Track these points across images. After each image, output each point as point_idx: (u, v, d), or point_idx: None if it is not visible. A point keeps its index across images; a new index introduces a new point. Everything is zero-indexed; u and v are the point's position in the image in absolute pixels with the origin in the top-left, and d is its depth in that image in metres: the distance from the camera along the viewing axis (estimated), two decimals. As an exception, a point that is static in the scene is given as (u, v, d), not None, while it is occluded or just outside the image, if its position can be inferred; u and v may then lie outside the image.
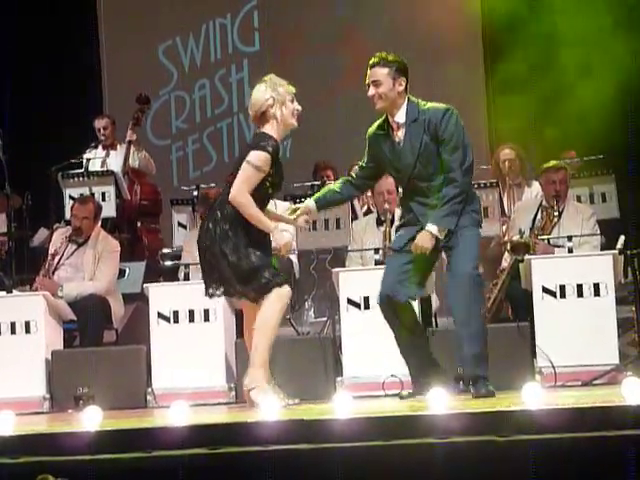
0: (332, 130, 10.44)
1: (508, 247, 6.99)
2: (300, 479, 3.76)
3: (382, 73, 5.48)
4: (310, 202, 5.72)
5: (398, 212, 7.43)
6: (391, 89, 5.47)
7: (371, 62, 5.54)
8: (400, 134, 5.52)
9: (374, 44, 10.33)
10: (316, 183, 8.82)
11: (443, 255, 5.73)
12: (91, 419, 4.14)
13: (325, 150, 9.91)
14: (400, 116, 5.51)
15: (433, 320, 7.22)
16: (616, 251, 6.47)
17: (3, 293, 7.19)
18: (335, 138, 10.34)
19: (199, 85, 11.38)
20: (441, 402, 4.16)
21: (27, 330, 6.89)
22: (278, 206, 8.72)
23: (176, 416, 4.25)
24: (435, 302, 7.33)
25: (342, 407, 4.16)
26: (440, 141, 5.43)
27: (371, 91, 5.51)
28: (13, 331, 6.89)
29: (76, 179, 8.72)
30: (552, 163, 7.43)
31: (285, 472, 3.76)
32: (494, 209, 7.96)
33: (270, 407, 4.31)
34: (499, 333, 6.50)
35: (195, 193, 8.75)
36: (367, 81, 5.56)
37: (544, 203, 7.33)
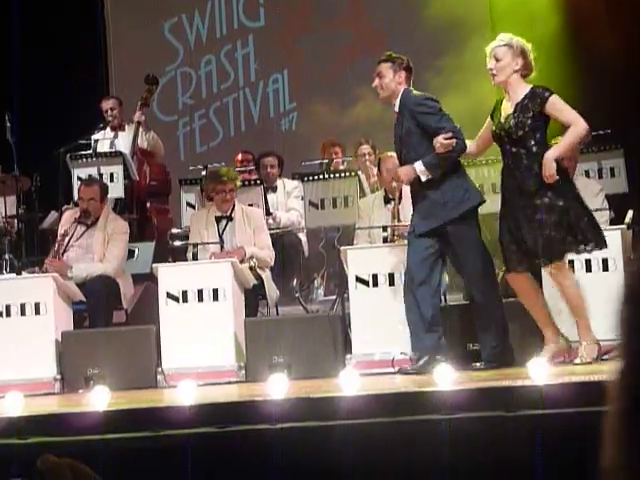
0: (338, 106, 10.41)
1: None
2: (307, 456, 3.77)
3: (385, 66, 6.14)
4: None
5: (405, 189, 7.43)
6: (391, 80, 6.09)
7: (379, 60, 6.22)
8: (396, 121, 6.16)
9: (379, 19, 10.30)
10: (324, 161, 8.81)
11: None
12: (99, 399, 4.16)
13: (331, 127, 9.88)
14: (396, 105, 6.14)
15: (443, 297, 7.20)
16: (624, 226, 6.43)
17: (13, 275, 7.21)
18: (341, 114, 10.31)
19: (205, 61, 11.37)
20: (447, 378, 4.16)
21: (37, 311, 6.90)
22: (287, 184, 8.73)
23: (184, 395, 4.26)
24: (445, 280, 7.31)
25: (348, 384, 4.17)
26: (423, 127, 6.01)
27: (375, 82, 6.17)
28: (23, 313, 6.90)
29: (84, 160, 8.71)
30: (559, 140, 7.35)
31: (292, 449, 3.76)
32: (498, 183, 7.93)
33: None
34: (508, 308, 6.49)
35: (203, 173, 8.74)
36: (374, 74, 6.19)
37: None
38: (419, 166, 5.95)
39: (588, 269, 6.34)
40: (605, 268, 6.32)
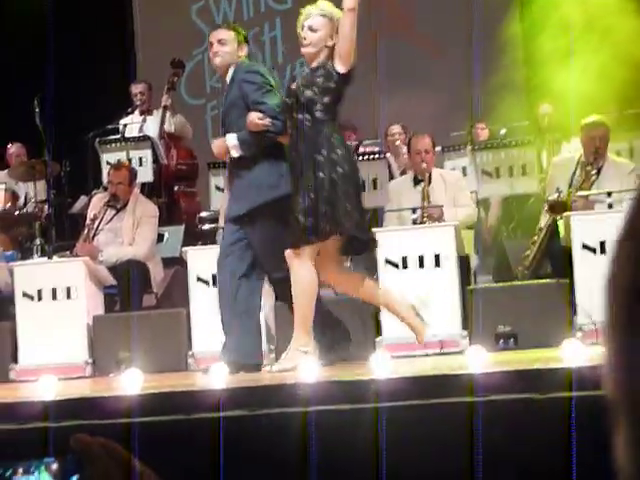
0: (360, 90, 10.33)
1: (546, 207, 6.91)
2: (338, 439, 3.76)
3: (229, 34, 5.65)
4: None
5: (435, 171, 7.40)
6: (233, 52, 5.62)
7: (219, 24, 5.84)
8: (225, 93, 5.75)
9: (407, 2, 10.23)
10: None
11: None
12: (131, 382, 4.17)
13: (352, 110, 9.81)
14: (229, 76, 5.67)
15: (472, 278, 7.18)
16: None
17: (44, 259, 7.25)
18: (361, 98, 10.25)
19: (232, 44, 11.37)
20: (479, 360, 4.15)
21: (68, 296, 6.94)
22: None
23: (214, 379, 4.27)
24: (474, 261, 7.30)
25: (380, 367, 4.16)
26: (245, 99, 5.53)
27: (215, 48, 5.64)
28: (54, 297, 6.94)
29: (113, 145, 8.75)
30: (592, 119, 7.22)
31: (324, 433, 3.76)
32: (532, 166, 7.89)
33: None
34: (537, 290, 6.47)
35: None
36: (211, 39, 5.71)
37: (582, 159, 7.19)
38: (232, 140, 5.44)
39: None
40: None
